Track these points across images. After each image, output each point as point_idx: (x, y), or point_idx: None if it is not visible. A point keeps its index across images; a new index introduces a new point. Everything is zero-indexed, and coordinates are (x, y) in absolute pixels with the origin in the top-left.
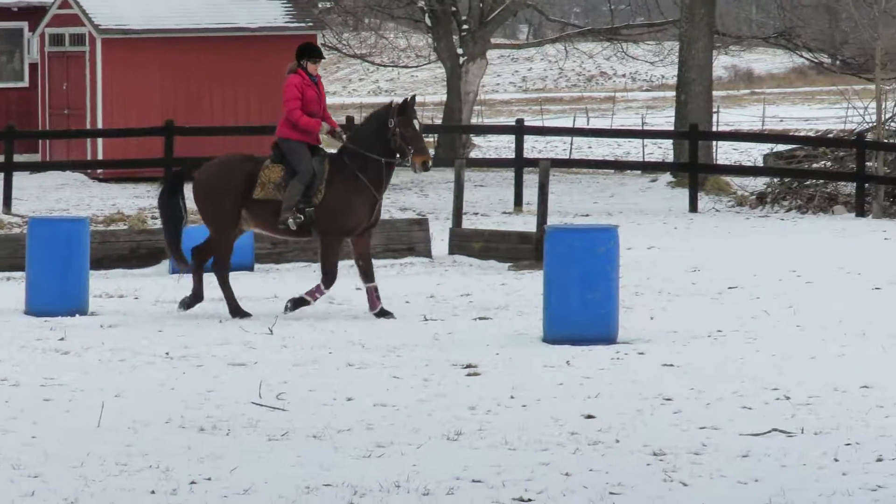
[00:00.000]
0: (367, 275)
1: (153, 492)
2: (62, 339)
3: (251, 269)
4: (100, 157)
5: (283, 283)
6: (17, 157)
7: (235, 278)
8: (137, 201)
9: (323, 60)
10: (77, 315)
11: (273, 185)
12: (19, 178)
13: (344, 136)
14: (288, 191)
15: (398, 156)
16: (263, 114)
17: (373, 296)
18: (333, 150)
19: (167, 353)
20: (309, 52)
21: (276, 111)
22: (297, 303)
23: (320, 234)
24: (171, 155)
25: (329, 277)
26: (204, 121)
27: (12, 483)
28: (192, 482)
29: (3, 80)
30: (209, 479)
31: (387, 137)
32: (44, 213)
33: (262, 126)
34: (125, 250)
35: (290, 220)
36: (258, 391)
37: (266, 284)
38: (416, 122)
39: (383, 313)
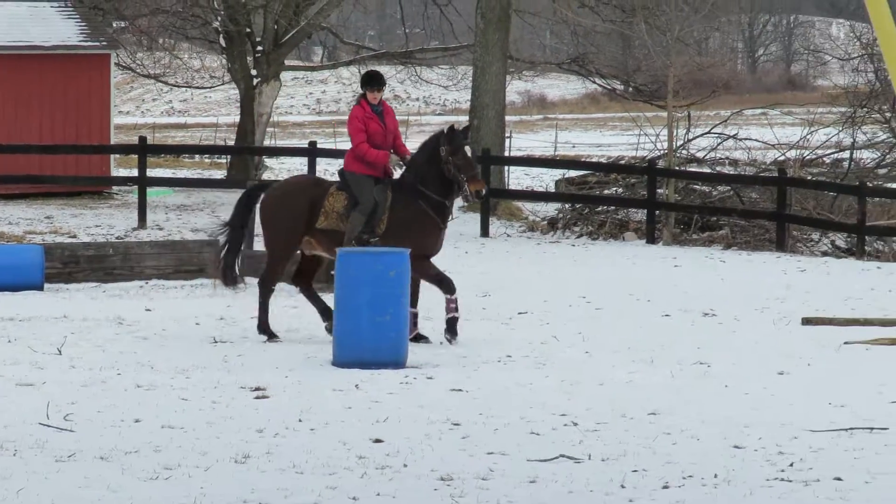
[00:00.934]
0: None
1: None
2: None
3: (41, 288)
4: None
5: (72, 302)
6: None
7: (24, 297)
8: None
9: (384, 87)
10: None
11: (336, 215)
12: None
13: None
14: (350, 222)
15: (455, 186)
16: (56, 132)
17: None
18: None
19: None
20: (368, 80)
21: (71, 129)
22: (450, 326)
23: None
24: None
25: (446, 285)
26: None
27: None
28: None
29: None
30: None
31: (440, 166)
32: None
33: (56, 145)
34: None
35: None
36: (45, 412)
37: (56, 304)
38: (467, 148)
39: (418, 338)
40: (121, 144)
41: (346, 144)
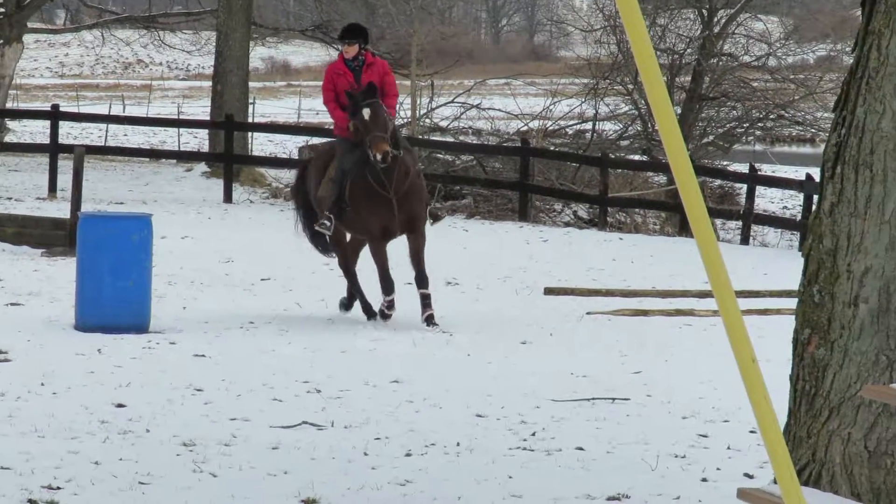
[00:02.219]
0: (418, 280)
1: None
2: None
3: None
4: None
5: None
6: None
7: None
8: None
9: (358, 41)
10: None
11: (329, 182)
12: None
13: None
14: (321, 191)
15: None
16: None
17: (425, 303)
18: None
19: None
20: (341, 34)
21: None
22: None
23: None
24: None
25: (385, 285)
26: None
27: None
28: None
29: None
30: None
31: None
32: None
33: None
34: None
35: (316, 226)
36: None
37: None
38: (365, 110)
39: (430, 321)
40: None
41: (87, 108)
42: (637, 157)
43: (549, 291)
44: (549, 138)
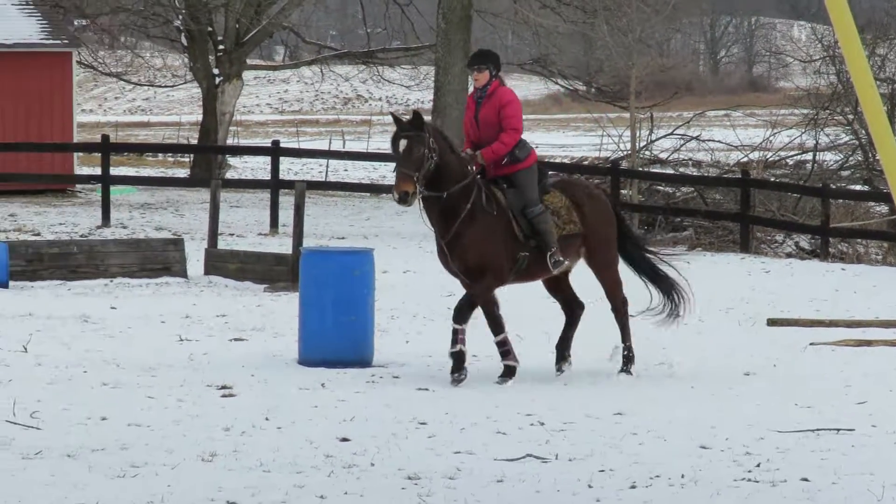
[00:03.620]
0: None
1: None
2: None
3: (6, 286)
4: None
5: (37, 300)
6: None
7: None
8: None
9: (486, 68)
10: None
11: None
12: None
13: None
14: None
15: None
16: (19, 130)
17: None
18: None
19: None
20: (468, 61)
21: (33, 128)
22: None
23: None
24: None
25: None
26: None
27: None
28: None
29: None
30: None
31: None
32: None
33: (18, 143)
34: None
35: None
36: (12, 409)
37: (20, 301)
38: (401, 141)
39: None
40: (84, 143)
41: (307, 143)
42: (858, 187)
43: (772, 323)
44: (769, 169)
